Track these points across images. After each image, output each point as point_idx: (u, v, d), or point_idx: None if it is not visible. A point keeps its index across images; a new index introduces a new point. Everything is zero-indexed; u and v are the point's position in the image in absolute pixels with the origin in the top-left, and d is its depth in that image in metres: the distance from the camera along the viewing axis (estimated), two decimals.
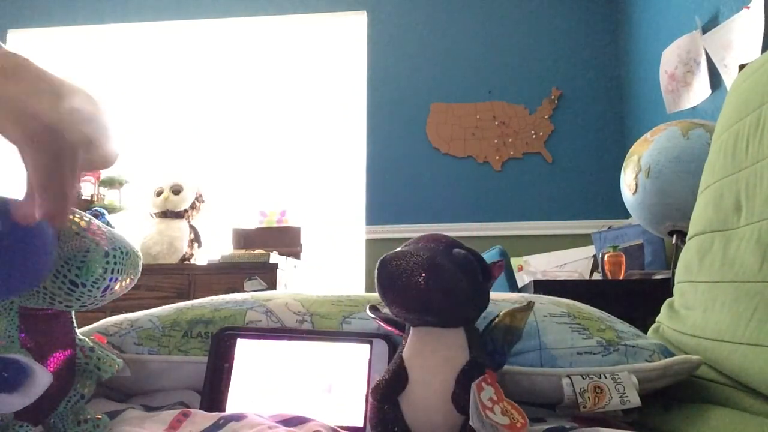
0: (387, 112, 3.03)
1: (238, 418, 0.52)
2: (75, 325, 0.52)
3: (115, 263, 0.46)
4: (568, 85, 2.95)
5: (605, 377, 0.57)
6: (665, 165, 1.60)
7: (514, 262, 2.44)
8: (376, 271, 0.49)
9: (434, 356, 0.50)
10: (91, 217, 0.49)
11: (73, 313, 0.51)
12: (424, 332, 0.51)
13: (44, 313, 0.48)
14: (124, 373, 0.55)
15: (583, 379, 0.57)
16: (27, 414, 0.45)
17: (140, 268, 0.50)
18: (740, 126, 0.76)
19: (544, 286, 1.78)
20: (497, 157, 2.92)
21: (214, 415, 0.53)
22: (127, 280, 0.48)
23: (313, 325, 0.67)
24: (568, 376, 0.57)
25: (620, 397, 0.55)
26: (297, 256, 2.76)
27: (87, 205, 2.73)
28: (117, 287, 0.47)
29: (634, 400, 0.55)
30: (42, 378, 0.41)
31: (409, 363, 0.50)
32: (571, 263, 2.48)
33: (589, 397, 0.55)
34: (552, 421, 0.58)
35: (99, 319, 0.72)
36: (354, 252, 2.98)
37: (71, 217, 0.47)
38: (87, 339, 0.52)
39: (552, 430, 0.54)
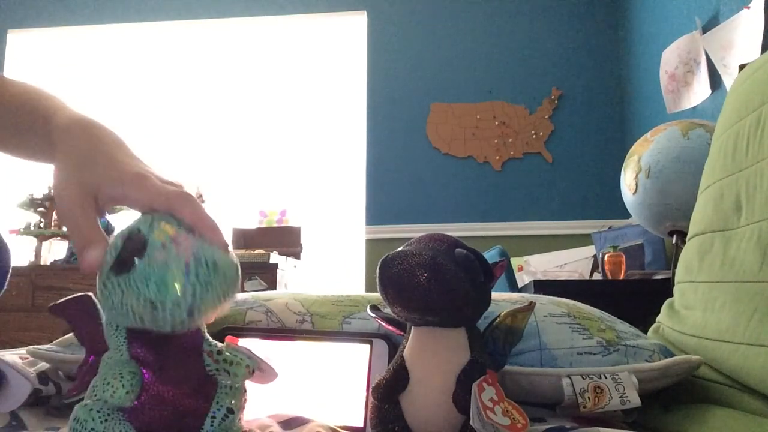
0: (387, 112, 3.03)
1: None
2: (204, 332, 0.46)
3: (197, 277, 0.39)
4: (568, 85, 2.95)
5: (605, 377, 0.57)
6: (665, 165, 1.60)
7: (514, 262, 2.44)
8: (377, 270, 0.49)
9: (435, 356, 0.50)
10: (180, 226, 0.43)
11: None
12: (425, 332, 0.51)
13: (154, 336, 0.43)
14: (265, 377, 0.47)
15: (583, 379, 0.57)
16: None
17: (236, 281, 0.43)
18: (740, 126, 0.76)
19: (544, 286, 1.78)
20: (497, 157, 2.92)
21: None
22: (220, 298, 0.41)
23: (313, 325, 0.67)
24: (568, 376, 0.57)
25: (620, 397, 0.55)
26: (297, 256, 2.76)
27: None
28: (205, 305, 0.40)
29: (634, 400, 0.55)
30: (20, 384, 0.40)
31: (410, 363, 0.50)
32: (571, 263, 2.48)
33: (589, 398, 0.55)
34: (552, 421, 0.58)
35: None
36: (354, 252, 2.98)
37: (161, 225, 0.42)
38: (218, 343, 0.47)
39: (552, 430, 0.54)
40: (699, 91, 2.10)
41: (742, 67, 1.23)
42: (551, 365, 0.60)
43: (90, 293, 0.47)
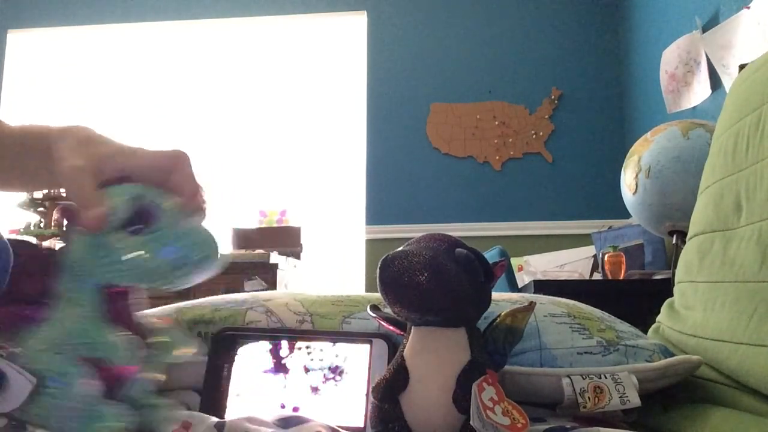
0: (387, 112, 3.03)
1: (236, 424, 0.52)
2: (144, 305, 0.49)
3: (207, 243, 0.45)
4: (568, 85, 2.95)
5: (605, 377, 0.57)
6: (665, 165, 1.61)
7: (514, 262, 2.44)
8: (378, 270, 0.49)
9: (435, 356, 0.50)
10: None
11: (143, 293, 0.49)
12: (425, 332, 0.51)
13: (117, 290, 0.46)
14: (192, 357, 0.51)
15: (583, 379, 0.57)
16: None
17: (221, 254, 0.47)
18: (740, 126, 0.76)
19: (544, 286, 1.78)
20: (497, 157, 2.92)
21: (212, 422, 0.53)
22: (217, 264, 0.46)
23: (313, 325, 0.67)
24: (568, 376, 0.57)
25: (620, 397, 0.55)
26: (297, 256, 2.76)
27: None
28: (205, 271, 0.45)
29: (634, 400, 0.55)
30: (20, 384, 0.40)
31: (410, 362, 0.50)
32: (571, 263, 2.48)
33: (589, 398, 0.55)
34: (552, 421, 0.58)
35: None
36: (354, 252, 2.98)
37: (167, 196, 0.47)
38: (154, 319, 0.50)
39: (552, 430, 0.54)
40: (699, 91, 2.10)
41: (742, 67, 1.23)
42: (551, 365, 0.60)
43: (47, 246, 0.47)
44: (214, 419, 0.53)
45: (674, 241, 1.68)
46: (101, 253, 0.44)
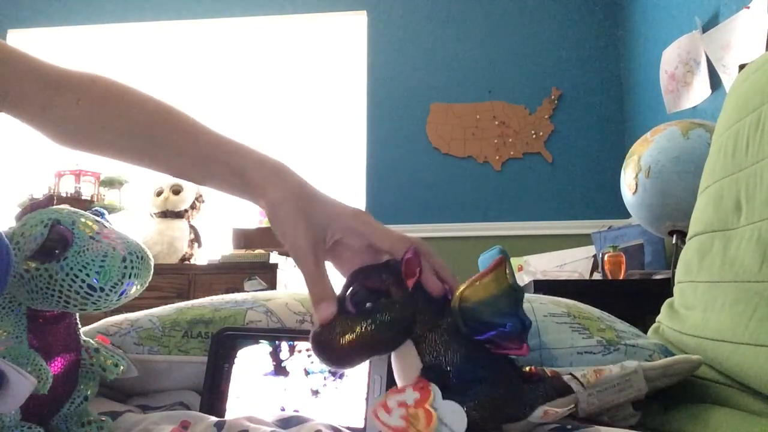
0: (387, 112, 3.03)
1: (236, 423, 0.52)
2: (79, 326, 0.52)
3: (133, 268, 0.45)
4: (568, 85, 2.95)
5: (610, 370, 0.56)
6: (665, 165, 1.61)
7: (514, 262, 2.44)
8: None
9: (398, 364, 0.50)
10: (103, 221, 0.49)
11: (77, 314, 0.51)
12: None
13: (51, 315, 0.48)
14: (131, 374, 0.54)
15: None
16: (31, 415, 0.46)
17: (152, 271, 0.50)
18: (740, 126, 0.76)
19: (544, 286, 1.78)
20: (497, 157, 2.92)
21: (212, 421, 0.53)
22: (142, 284, 0.48)
23: (314, 325, 0.67)
24: (570, 374, 0.57)
25: (622, 375, 0.54)
26: None
27: (87, 205, 2.73)
28: (132, 291, 0.47)
29: (638, 381, 0.54)
30: (21, 384, 0.41)
31: (393, 366, 0.51)
32: (571, 263, 2.48)
33: (589, 379, 0.54)
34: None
35: (99, 319, 0.72)
36: None
37: (85, 221, 0.47)
38: (91, 340, 0.52)
39: (553, 430, 0.54)
40: (699, 91, 2.10)
41: (741, 67, 1.23)
42: (551, 365, 0.60)
43: None
44: (214, 418, 0.53)
45: (674, 241, 1.68)
46: (20, 281, 0.45)
